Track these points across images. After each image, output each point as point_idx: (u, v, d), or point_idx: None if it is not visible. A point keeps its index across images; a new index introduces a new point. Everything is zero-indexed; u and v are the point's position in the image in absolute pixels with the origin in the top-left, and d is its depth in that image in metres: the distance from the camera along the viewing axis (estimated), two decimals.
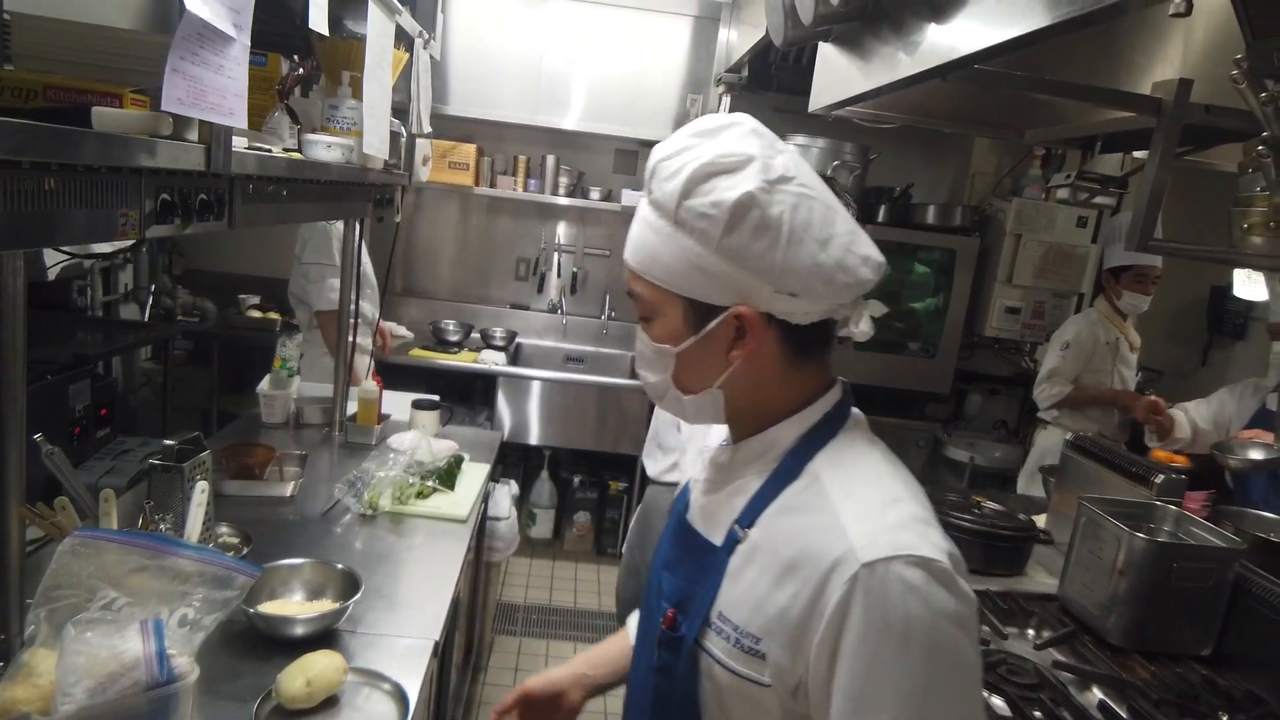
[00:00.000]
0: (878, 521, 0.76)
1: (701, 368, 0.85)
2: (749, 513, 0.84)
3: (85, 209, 0.85)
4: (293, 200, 1.48)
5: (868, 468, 0.84)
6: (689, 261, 0.80)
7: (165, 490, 1.50)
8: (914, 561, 0.72)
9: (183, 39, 0.85)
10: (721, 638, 0.82)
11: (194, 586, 1.13)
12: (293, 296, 3.41)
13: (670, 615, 0.87)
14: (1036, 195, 3.83)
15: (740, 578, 0.82)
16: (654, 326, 0.86)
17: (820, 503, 0.80)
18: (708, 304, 0.82)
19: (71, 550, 1.00)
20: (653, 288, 0.83)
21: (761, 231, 0.78)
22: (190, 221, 1.07)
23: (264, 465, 1.98)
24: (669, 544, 0.96)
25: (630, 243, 0.85)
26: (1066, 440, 2.39)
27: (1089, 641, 1.83)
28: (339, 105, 1.72)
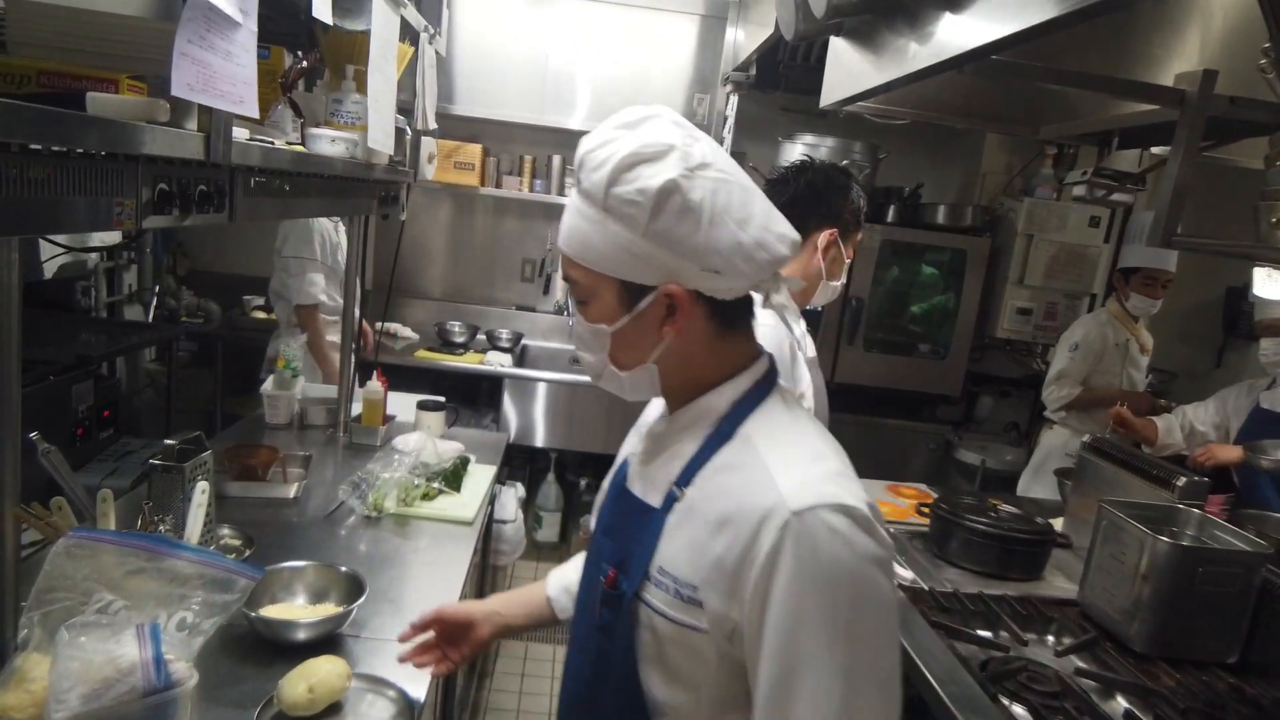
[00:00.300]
0: (805, 475, 0.83)
1: (636, 344, 0.91)
2: (686, 474, 0.90)
3: (80, 196, 0.82)
4: (296, 195, 1.45)
5: (795, 429, 0.91)
6: (619, 246, 0.85)
7: (165, 491, 1.46)
8: (838, 509, 0.80)
9: (189, 21, 0.81)
10: (661, 589, 0.88)
11: (193, 589, 1.10)
12: (273, 293, 3.39)
13: (611, 575, 0.93)
14: (1048, 195, 3.79)
15: (678, 534, 0.88)
16: (590, 308, 0.91)
17: (752, 461, 0.86)
18: (639, 284, 0.87)
19: (66, 551, 0.97)
20: (587, 272, 0.89)
21: (684, 215, 0.84)
22: (189, 213, 1.03)
23: (267, 466, 1.94)
24: (608, 513, 1.03)
25: (564, 231, 0.90)
26: (1083, 442, 2.35)
27: (1111, 648, 1.78)
28: (343, 99, 1.69)
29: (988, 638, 1.76)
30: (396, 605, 1.53)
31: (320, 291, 3.18)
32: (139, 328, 3.96)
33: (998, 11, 1.32)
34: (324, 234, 3.18)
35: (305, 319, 3.20)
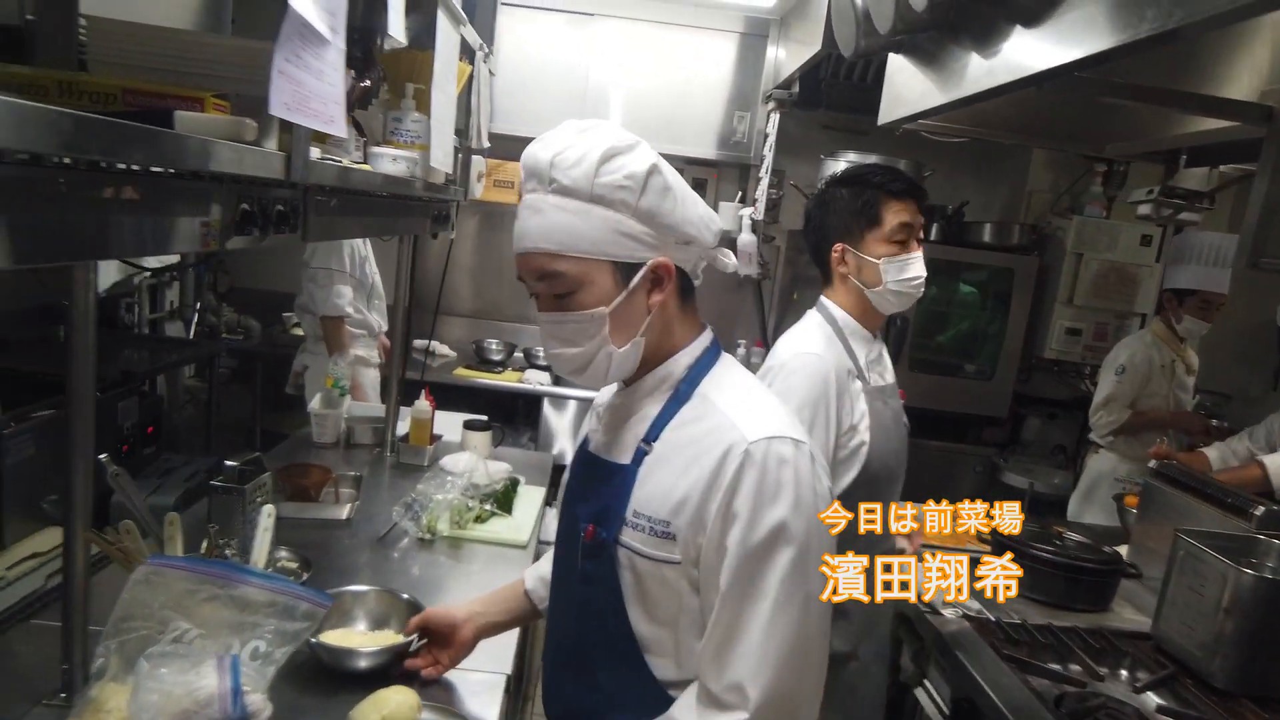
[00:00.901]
0: (760, 415, 0.99)
1: (629, 321, 1.00)
2: (652, 431, 1.03)
3: (172, 218, 0.80)
4: (357, 214, 1.44)
5: (746, 385, 1.06)
6: (610, 229, 0.95)
7: (226, 513, 1.45)
8: (788, 441, 0.96)
9: (286, 39, 0.80)
10: (638, 530, 0.99)
11: (265, 617, 1.07)
12: (299, 308, 3.38)
13: (590, 530, 1.03)
14: (1098, 213, 3.72)
15: (649, 481, 1.00)
16: (581, 296, 0.97)
17: (712, 412, 1.00)
18: (630, 262, 0.98)
19: (145, 579, 0.95)
20: (578, 261, 0.96)
21: (665, 192, 0.98)
22: (268, 233, 1.02)
23: (320, 487, 1.93)
24: (577, 481, 1.14)
25: (536, 232, 0.96)
26: (1150, 468, 2.27)
27: (1191, 685, 1.70)
28: (402, 118, 1.68)
29: (1061, 671, 1.70)
30: None
31: (347, 304, 3.17)
32: (181, 344, 3.99)
33: (1077, 32, 1.28)
34: (352, 246, 3.18)
35: (330, 331, 3.18)
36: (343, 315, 3.14)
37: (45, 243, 0.67)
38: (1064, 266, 3.68)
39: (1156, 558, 2.20)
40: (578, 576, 1.06)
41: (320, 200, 1.16)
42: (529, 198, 0.99)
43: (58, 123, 0.61)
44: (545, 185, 0.96)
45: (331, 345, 3.12)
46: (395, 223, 1.73)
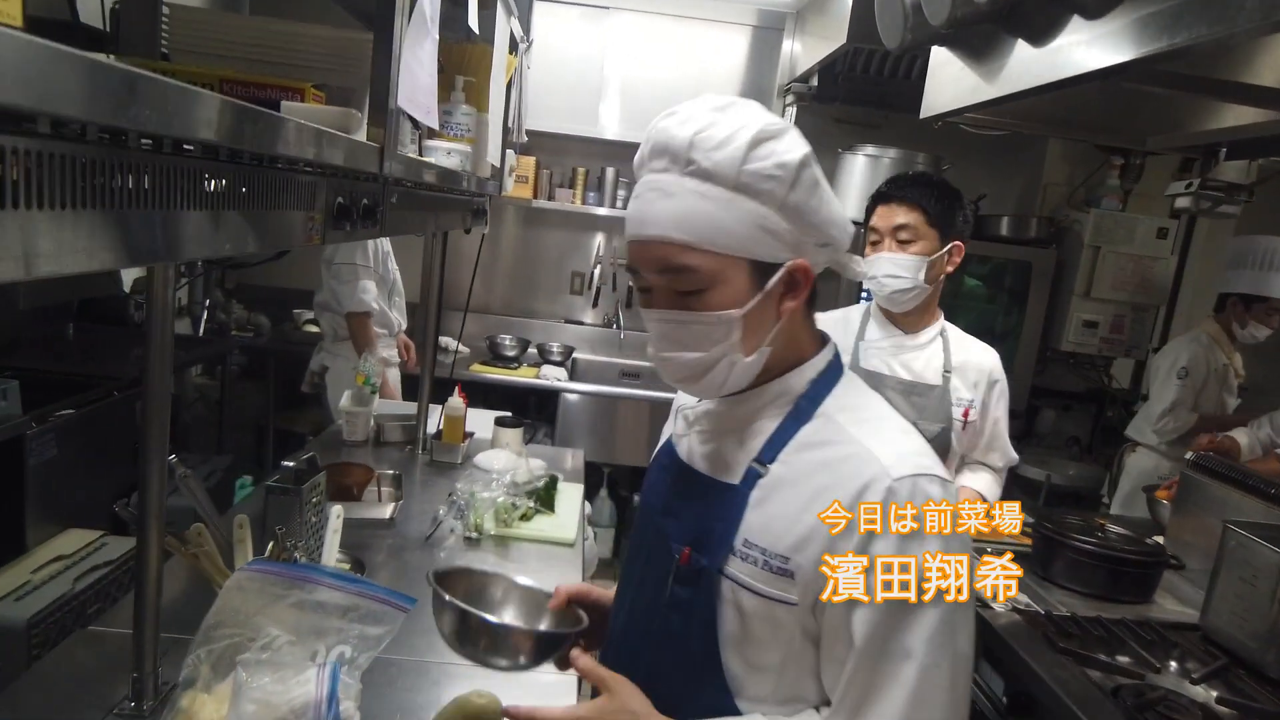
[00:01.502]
0: (899, 447, 0.88)
1: (759, 327, 0.89)
2: (769, 450, 0.91)
3: (279, 210, 0.77)
4: (416, 208, 1.41)
5: (874, 408, 0.95)
6: (753, 223, 0.84)
7: (284, 514, 1.41)
8: (935, 479, 0.85)
9: (415, 30, 0.77)
10: (748, 562, 0.88)
11: (349, 621, 1.05)
12: (319, 306, 3.33)
13: (687, 553, 0.92)
14: (1114, 206, 3.72)
15: (764, 507, 0.89)
16: (712, 296, 0.87)
17: (841, 437, 0.89)
18: (768, 262, 0.87)
19: (239, 585, 0.92)
20: (713, 256, 0.85)
21: (814, 188, 0.87)
22: (356, 227, 0.99)
23: (363, 486, 1.90)
24: (667, 493, 1.01)
25: (667, 218, 0.85)
26: (1188, 459, 2.27)
27: (1244, 675, 1.70)
28: (453, 111, 1.65)
29: (1117, 664, 1.69)
30: None
31: (373, 299, 3.13)
32: (191, 342, 3.93)
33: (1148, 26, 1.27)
34: (376, 242, 3.13)
35: (356, 328, 3.14)
36: (369, 311, 3.09)
37: (155, 238, 0.64)
38: (1081, 259, 3.69)
39: (1193, 549, 2.21)
40: (666, 601, 0.94)
41: (399, 192, 1.14)
42: (656, 178, 0.86)
43: (177, 99, 0.58)
44: (680, 166, 0.84)
45: (358, 342, 3.08)
46: (440, 217, 1.70)
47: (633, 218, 0.89)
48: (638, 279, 0.92)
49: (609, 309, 4.47)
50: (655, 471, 1.08)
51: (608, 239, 4.42)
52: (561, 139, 4.09)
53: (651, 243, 0.87)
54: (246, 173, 0.71)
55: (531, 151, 4.05)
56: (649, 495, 1.07)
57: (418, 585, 1.59)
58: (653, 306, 0.91)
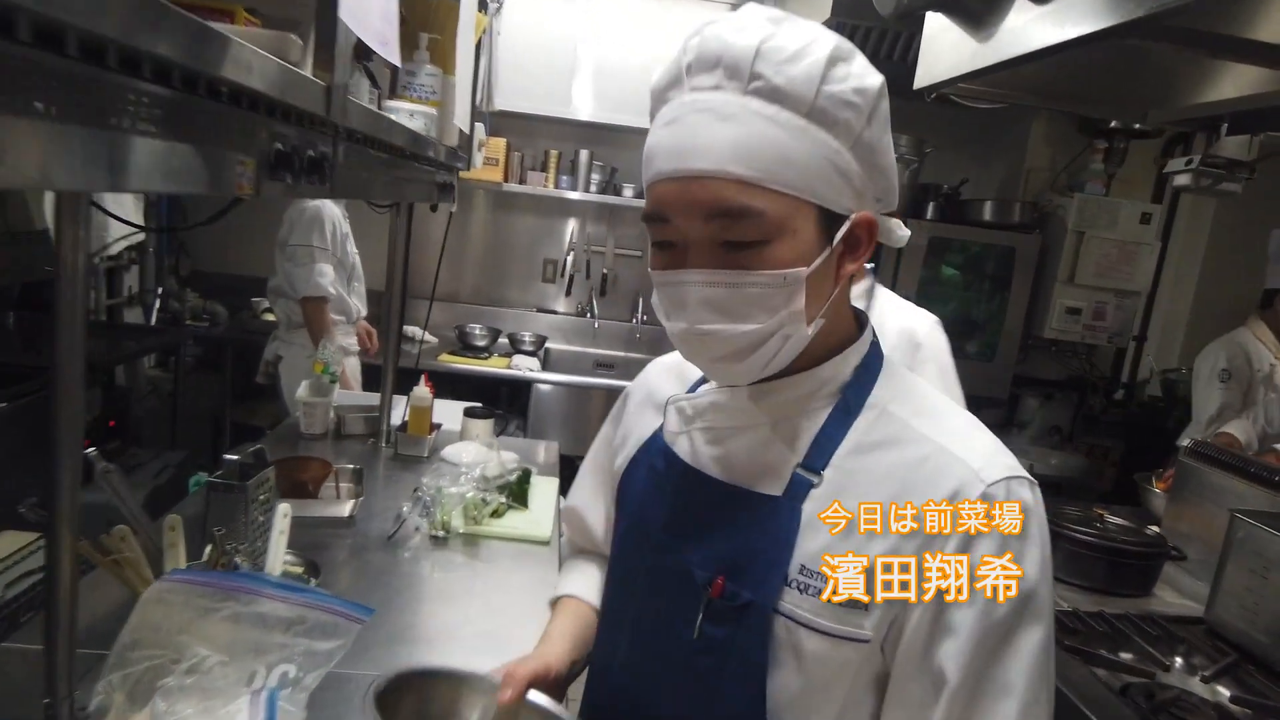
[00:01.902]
0: (980, 445, 0.74)
1: (818, 292, 0.73)
2: (819, 454, 0.76)
3: (203, 146, 0.63)
4: (375, 171, 1.27)
5: (931, 398, 0.81)
6: (827, 160, 0.69)
7: (227, 513, 1.27)
8: (1026, 481, 0.73)
9: None
10: (810, 595, 0.72)
11: (294, 636, 0.91)
12: (273, 291, 3.16)
13: (720, 583, 0.76)
14: (1098, 190, 3.67)
15: (822, 525, 0.73)
16: (776, 249, 0.70)
17: (908, 434, 0.75)
18: (836, 212, 0.72)
19: (158, 599, 0.78)
20: (782, 199, 0.69)
21: (887, 125, 0.74)
22: (299, 181, 0.85)
23: (319, 482, 1.75)
24: (671, 505, 0.83)
25: (732, 146, 0.67)
26: (1185, 447, 2.20)
27: (1255, 672, 1.63)
28: (416, 71, 1.51)
29: (1126, 662, 1.61)
30: (496, 641, 1.34)
31: (329, 283, 2.95)
32: (143, 331, 3.74)
33: None
34: (334, 221, 2.95)
35: (312, 313, 2.96)
36: (325, 296, 2.91)
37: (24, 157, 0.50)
38: (1065, 245, 3.62)
39: (1191, 539, 2.14)
40: (694, 643, 0.77)
41: (354, 150, 1.00)
42: (705, 98, 0.69)
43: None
44: (741, 82, 0.67)
45: (314, 329, 2.90)
46: (405, 188, 1.56)
47: (669, 148, 0.70)
48: (664, 230, 0.73)
49: (582, 297, 4.34)
50: (644, 478, 0.88)
51: (581, 224, 4.28)
52: (533, 120, 3.94)
53: (702, 179, 0.68)
54: (152, 91, 0.57)
55: (502, 132, 3.90)
56: (642, 509, 0.86)
57: (378, 590, 1.46)
58: (687, 266, 0.71)
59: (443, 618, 1.38)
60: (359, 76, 1.35)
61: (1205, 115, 1.99)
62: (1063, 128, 3.84)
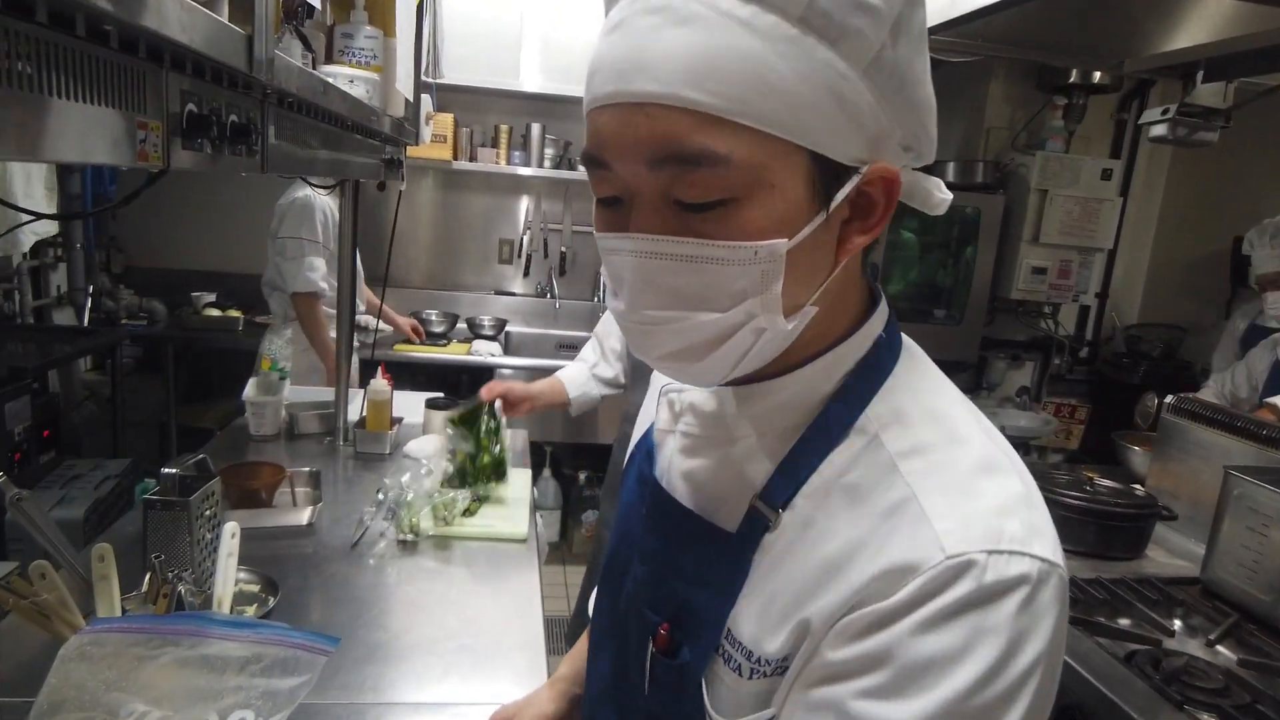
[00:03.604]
0: (970, 502, 0.52)
1: (807, 272, 0.54)
2: (781, 487, 0.57)
3: (93, 106, 0.51)
4: (313, 142, 1.13)
5: (944, 419, 0.57)
6: (827, 87, 0.49)
7: (167, 534, 1.14)
8: (1022, 560, 0.49)
9: None
10: (732, 668, 0.57)
11: (250, 677, 0.80)
12: (267, 285, 3.02)
13: (664, 635, 0.61)
14: (1058, 148, 3.64)
15: (765, 583, 0.56)
16: (750, 210, 0.50)
17: (888, 478, 0.54)
18: (838, 162, 0.52)
19: (80, 654, 0.66)
20: (758, 139, 0.49)
21: (921, 41, 0.54)
22: (221, 151, 0.72)
23: (272, 488, 1.62)
24: (638, 523, 0.68)
25: (687, 61, 0.48)
26: (1166, 403, 2.17)
27: (1256, 631, 1.59)
28: (354, 34, 1.36)
29: (1130, 630, 1.56)
30: (475, 655, 1.23)
31: (321, 278, 2.82)
32: (74, 334, 3.51)
33: None
34: (325, 212, 2.81)
35: (304, 309, 2.83)
36: (317, 291, 2.77)
37: None
38: (1028, 203, 3.59)
39: (1177, 498, 2.12)
40: (645, 700, 0.64)
41: (287, 117, 0.87)
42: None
43: None
44: None
45: (306, 325, 2.77)
46: (349, 163, 1.42)
47: (609, 63, 0.51)
48: (604, 180, 0.54)
49: (541, 278, 4.20)
50: (633, 481, 0.73)
51: (536, 202, 4.13)
52: (480, 93, 3.77)
53: (647, 107, 0.49)
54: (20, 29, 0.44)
55: (450, 108, 3.72)
56: (628, 515, 0.72)
57: (343, 606, 1.34)
58: (630, 229, 0.53)
59: (417, 633, 1.27)
60: (290, 39, 1.21)
61: (1182, 61, 1.94)
62: (1021, 86, 3.80)
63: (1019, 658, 0.48)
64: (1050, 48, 1.99)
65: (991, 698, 0.48)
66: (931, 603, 0.48)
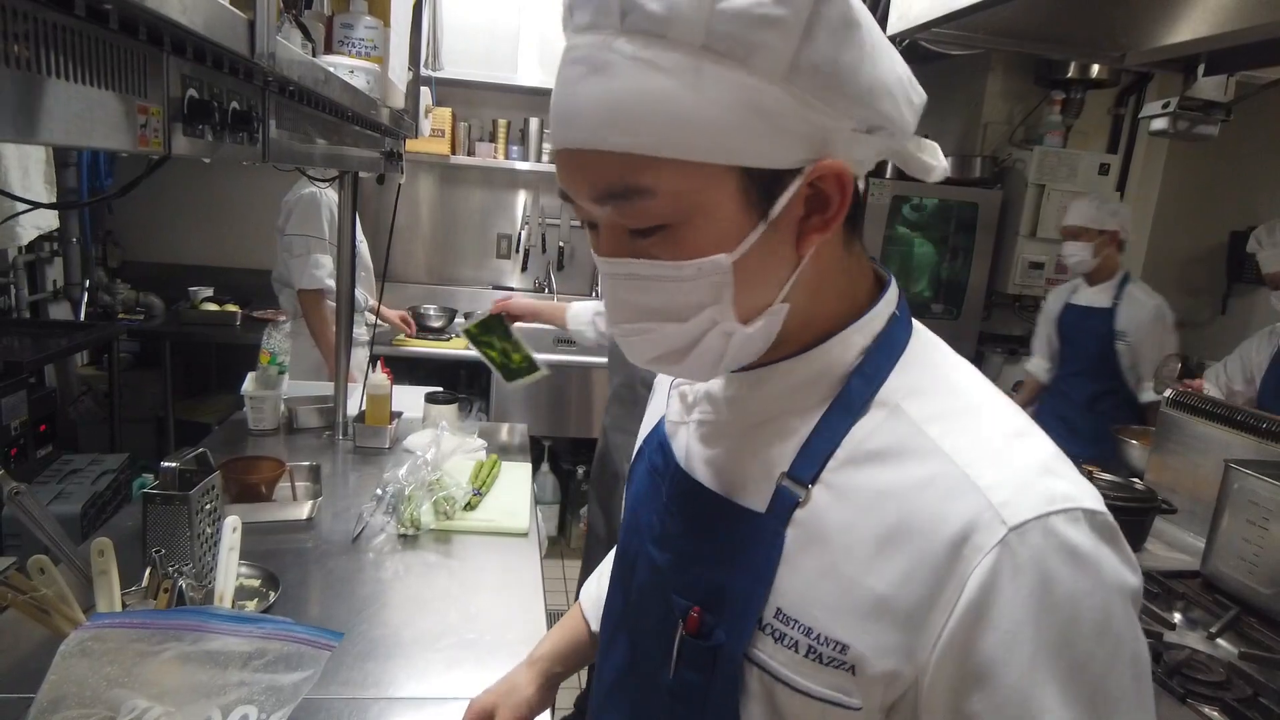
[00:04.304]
0: (1017, 464, 0.54)
1: (763, 276, 0.56)
2: (806, 463, 0.59)
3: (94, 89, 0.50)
4: (314, 132, 1.12)
5: (964, 392, 0.60)
6: (743, 104, 0.51)
7: (167, 529, 1.13)
8: (1076, 517, 0.52)
9: None
10: (785, 645, 0.58)
11: (252, 672, 0.79)
12: (277, 281, 3.03)
13: (695, 617, 0.62)
14: (1056, 143, 3.63)
15: (805, 558, 0.58)
16: (687, 232, 0.54)
17: (916, 444, 0.56)
18: (773, 169, 0.53)
19: (80, 649, 0.65)
20: (683, 169, 0.52)
21: (846, 33, 0.52)
22: (222, 139, 0.71)
23: (273, 483, 1.61)
24: (662, 511, 0.68)
25: (607, 108, 0.52)
26: (1166, 398, 2.17)
27: (1256, 624, 1.59)
28: (354, 24, 1.35)
29: None
30: (476, 652, 1.22)
31: (328, 275, 2.81)
32: (71, 328, 3.49)
33: None
34: (331, 209, 2.80)
35: (309, 306, 2.83)
36: (323, 289, 2.77)
37: None
38: (1026, 199, 3.59)
39: (1175, 491, 2.12)
40: (670, 686, 0.65)
41: (288, 105, 0.86)
42: (582, 41, 0.53)
43: None
44: (614, 19, 0.51)
45: (313, 322, 2.76)
46: (349, 155, 1.40)
47: (553, 112, 0.56)
48: (575, 208, 0.59)
49: (539, 272, 4.19)
50: (645, 473, 0.74)
51: (534, 197, 4.11)
52: (478, 88, 3.76)
53: (579, 153, 0.54)
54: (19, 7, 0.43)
55: (448, 103, 3.71)
56: (637, 507, 0.74)
57: (344, 600, 1.34)
58: (600, 253, 0.59)
59: (418, 627, 1.26)
60: (290, 28, 1.19)
61: (1184, 55, 1.93)
62: (1019, 81, 3.79)
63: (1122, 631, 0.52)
64: (1050, 41, 1.98)
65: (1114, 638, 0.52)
66: (1016, 576, 0.50)
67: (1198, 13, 1.84)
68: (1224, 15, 1.82)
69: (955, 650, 0.52)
